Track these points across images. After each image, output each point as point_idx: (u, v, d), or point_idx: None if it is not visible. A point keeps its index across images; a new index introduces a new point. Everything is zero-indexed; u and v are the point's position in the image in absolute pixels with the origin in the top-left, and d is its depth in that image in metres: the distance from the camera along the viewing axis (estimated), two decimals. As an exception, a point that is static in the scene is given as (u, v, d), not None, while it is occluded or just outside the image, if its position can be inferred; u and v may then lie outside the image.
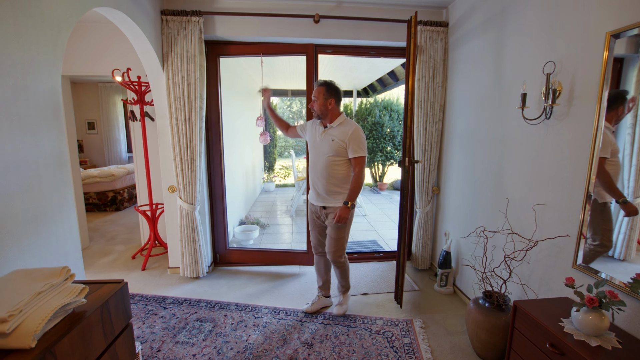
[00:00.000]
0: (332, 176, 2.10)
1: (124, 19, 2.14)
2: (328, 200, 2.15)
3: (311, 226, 2.35)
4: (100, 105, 6.85)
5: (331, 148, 2.06)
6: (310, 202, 2.29)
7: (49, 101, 1.42)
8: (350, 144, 2.04)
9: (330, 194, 2.13)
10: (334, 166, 2.09)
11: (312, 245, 2.40)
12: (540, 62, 1.70)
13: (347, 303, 2.39)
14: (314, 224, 2.31)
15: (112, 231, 4.23)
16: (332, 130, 2.09)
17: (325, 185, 2.12)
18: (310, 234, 2.40)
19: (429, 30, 2.71)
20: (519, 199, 1.91)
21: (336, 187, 2.12)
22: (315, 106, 2.10)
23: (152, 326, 2.20)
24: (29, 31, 1.30)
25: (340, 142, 2.04)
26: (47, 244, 1.40)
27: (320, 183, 2.14)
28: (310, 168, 2.22)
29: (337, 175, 2.10)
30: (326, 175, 2.10)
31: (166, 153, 2.78)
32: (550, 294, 1.68)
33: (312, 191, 2.26)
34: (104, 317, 1.03)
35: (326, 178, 2.11)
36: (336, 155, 2.07)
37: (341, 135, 2.05)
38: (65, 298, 0.93)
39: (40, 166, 1.36)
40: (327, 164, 2.09)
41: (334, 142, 2.05)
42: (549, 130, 1.68)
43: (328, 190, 2.13)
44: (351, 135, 2.03)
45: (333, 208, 2.14)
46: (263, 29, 2.71)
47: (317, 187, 2.18)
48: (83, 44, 3.22)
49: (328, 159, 2.08)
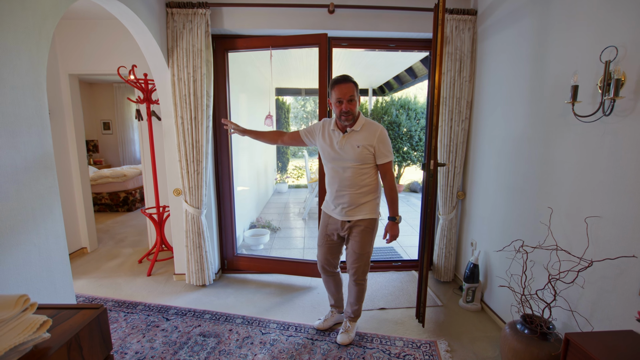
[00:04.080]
0: (360, 187, 1.82)
1: (125, 11, 2.00)
2: (355, 213, 1.87)
3: (321, 242, 2.03)
4: (115, 105, 6.88)
5: (357, 156, 1.77)
6: (330, 215, 1.96)
7: (31, 98, 1.27)
8: (379, 148, 1.77)
9: (358, 206, 1.86)
10: (362, 175, 1.81)
11: (319, 264, 2.08)
12: (597, 48, 1.43)
13: (354, 331, 2.06)
14: (326, 240, 2.01)
15: (121, 233, 4.15)
16: (356, 134, 1.78)
17: (354, 197, 1.83)
18: (318, 251, 2.07)
19: (455, 19, 2.46)
20: (566, 209, 1.63)
21: (364, 197, 1.85)
22: (353, 107, 1.74)
23: (152, 340, 2.04)
24: (3, 17, 1.15)
25: (368, 148, 1.76)
26: (27, 258, 1.25)
27: (347, 196, 1.84)
28: (330, 180, 1.90)
29: (366, 185, 1.83)
30: (353, 186, 1.82)
31: (172, 154, 2.64)
32: (607, 324, 1.41)
33: (333, 205, 1.93)
34: (72, 355, 0.86)
35: (354, 189, 1.82)
36: (363, 164, 1.79)
37: (368, 139, 1.76)
38: (19, 336, 0.75)
39: (18, 171, 1.21)
40: (353, 174, 1.80)
41: (360, 149, 1.76)
42: (607, 129, 1.41)
43: (356, 203, 1.85)
44: (379, 138, 1.76)
45: (360, 221, 1.87)
46: (273, 21, 2.52)
47: (341, 200, 1.87)
48: (90, 41, 3.13)
49: (355, 169, 1.79)
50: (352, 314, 2.06)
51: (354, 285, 2.00)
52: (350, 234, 1.92)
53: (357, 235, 1.89)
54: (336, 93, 1.74)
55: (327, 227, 1.99)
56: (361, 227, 1.88)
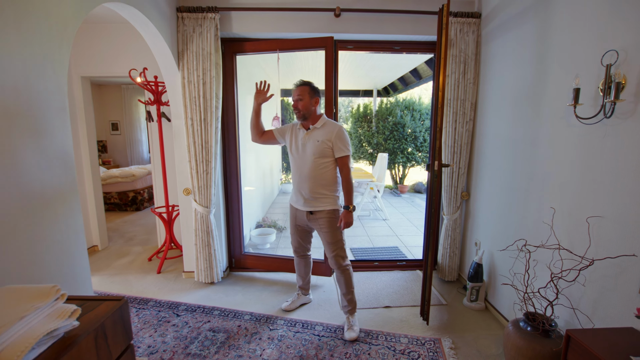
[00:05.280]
0: (319, 179, 2.03)
1: (137, 16, 2.06)
2: (315, 204, 2.07)
3: (293, 230, 2.28)
4: (123, 106, 6.99)
5: (317, 150, 2.00)
6: (295, 207, 2.19)
7: (54, 100, 1.34)
8: (336, 143, 1.99)
9: (318, 197, 2.06)
10: (321, 168, 2.02)
11: (293, 248, 2.34)
12: (598, 52, 1.47)
13: (357, 324, 2.14)
14: (296, 229, 2.26)
15: (130, 232, 4.24)
16: (317, 131, 2.03)
17: (313, 188, 2.04)
18: (291, 237, 2.33)
19: (459, 22, 2.50)
20: (568, 209, 1.67)
21: (324, 189, 2.05)
22: (301, 105, 2.02)
23: (164, 335, 2.11)
24: (30, 26, 1.22)
25: (327, 143, 1.99)
26: (50, 253, 1.32)
27: (307, 187, 2.05)
28: (294, 173, 2.14)
29: (325, 177, 2.04)
30: (313, 178, 2.03)
31: (182, 154, 2.70)
32: (608, 321, 1.44)
33: (296, 196, 2.15)
34: (99, 342, 0.92)
35: (313, 181, 2.03)
36: (322, 157, 2.01)
37: (327, 135, 2.00)
38: (53, 322, 0.81)
39: (42, 170, 1.28)
40: (314, 167, 2.02)
41: (319, 143, 2.00)
42: (608, 131, 1.44)
43: (315, 193, 2.05)
44: (336, 135, 1.99)
45: (321, 212, 2.07)
46: (281, 25, 2.58)
47: (302, 191, 2.08)
48: (102, 44, 3.21)
49: (314, 162, 2.02)
50: (349, 306, 2.15)
51: (340, 275, 2.14)
52: (318, 226, 2.11)
53: (324, 226, 2.08)
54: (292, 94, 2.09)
55: (295, 219, 2.22)
56: (324, 218, 2.07)
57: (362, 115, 7.37)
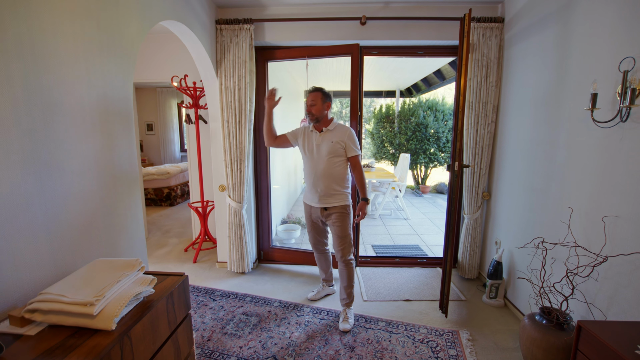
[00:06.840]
0: (334, 176, 2.20)
1: (184, 30, 2.31)
2: (329, 200, 2.23)
3: (309, 228, 2.45)
4: (157, 108, 7.45)
5: (331, 149, 2.18)
6: (310, 205, 2.34)
7: (123, 108, 1.58)
8: (348, 144, 2.18)
9: (332, 194, 2.22)
10: (335, 166, 2.20)
11: (311, 245, 2.50)
12: (616, 59, 1.54)
13: (352, 317, 2.27)
14: (312, 226, 2.42)
15: (167, 225, 4.58)
16: (330, 133, 2.20)
17: (328, 185, 2.21)
18: (309, 235, 2.49)
19: (482, 27, 2.58)
20: (585, 209, 1.74)
21: (338, 186, 2.22)
22: (314, 110, 2.19)
23: (202, 316, 2.35)
24: (110, 46, 1.47)
25: (340, 143, 2.18)
26: (120, 237, 1.57)
27: (322, 184, 2.21)
28: (309, 172, 2.28)
29: (339, 175, 2.22)
30: (328, 175, 2.20)
31: (218, 154, 2.95)
32: (622, 316, 1.51)
33: (311, 194, 2.30)
34: (169, 307, 1.13)
35: (328, 178, 2.20)
36: (335, 156, 2.19)
37: (339, 136, 2.18)
38: (138, 287, 1.03)
39: (115, 166, 1.53)
40: (328, 165, 2.19)
41: (333, 144, 2.17)
42: (624, 134, 1.51)
43: (330, 189, 2.21)
44: (348, 136, 2.19)
45: (335, 208, 2.24)
46: (310, 33, 2.76)
47: (318, 189, 2.23)
48: (143, 53, 3.52)
49: (329, 160, 2.19)
50: (347, 298, 2.30)
51: (344, 268, 2.29)
52: (331, 220, 2.27)
53: (337, 220, 2.24)
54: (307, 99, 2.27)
55: (310, 216, 2.38)
56: (337, 212, 2.24)
57: (384, 116, 7.44)
